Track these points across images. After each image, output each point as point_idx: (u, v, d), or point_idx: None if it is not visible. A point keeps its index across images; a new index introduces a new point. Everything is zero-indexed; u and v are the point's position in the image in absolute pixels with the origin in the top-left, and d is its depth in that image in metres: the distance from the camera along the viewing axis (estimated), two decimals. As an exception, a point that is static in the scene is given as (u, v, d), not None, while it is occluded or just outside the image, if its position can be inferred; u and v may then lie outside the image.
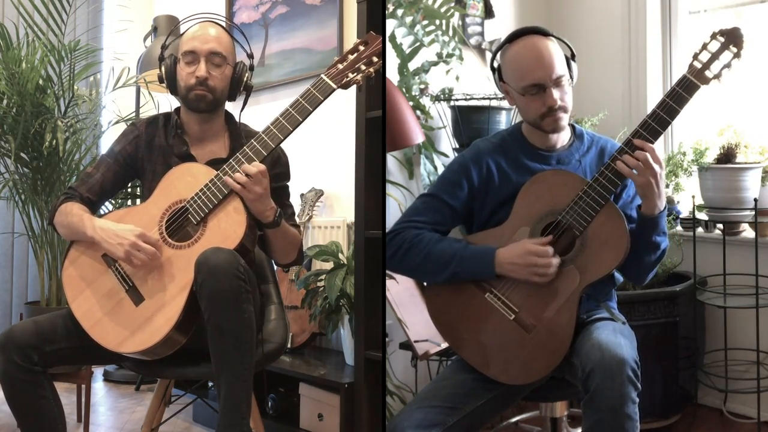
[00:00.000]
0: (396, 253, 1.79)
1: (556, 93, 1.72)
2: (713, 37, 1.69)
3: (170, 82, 1.96)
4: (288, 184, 2.03)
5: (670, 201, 3.00)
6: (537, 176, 1.76)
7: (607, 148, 1.85)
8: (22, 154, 3.41)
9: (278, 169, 1.97)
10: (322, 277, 2.70)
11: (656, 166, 1.63)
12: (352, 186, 2.55)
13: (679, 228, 2.99)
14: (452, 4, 2.78)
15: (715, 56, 1.68)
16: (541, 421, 2.03)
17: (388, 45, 2.63)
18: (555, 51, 1.74)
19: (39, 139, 3.30)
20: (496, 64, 1.85)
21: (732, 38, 1.68)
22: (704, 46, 1.69)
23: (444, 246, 1.75)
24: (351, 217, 2.91)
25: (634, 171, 1.64)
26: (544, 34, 1.77)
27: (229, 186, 1.77)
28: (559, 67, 1.73)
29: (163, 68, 1.96)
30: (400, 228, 1.80)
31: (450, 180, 1.83)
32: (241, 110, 1.97)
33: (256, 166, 1.77)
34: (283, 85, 3.46)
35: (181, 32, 1.97)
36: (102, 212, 1.99)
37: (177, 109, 2.01)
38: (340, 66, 1.81)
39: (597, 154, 1.84)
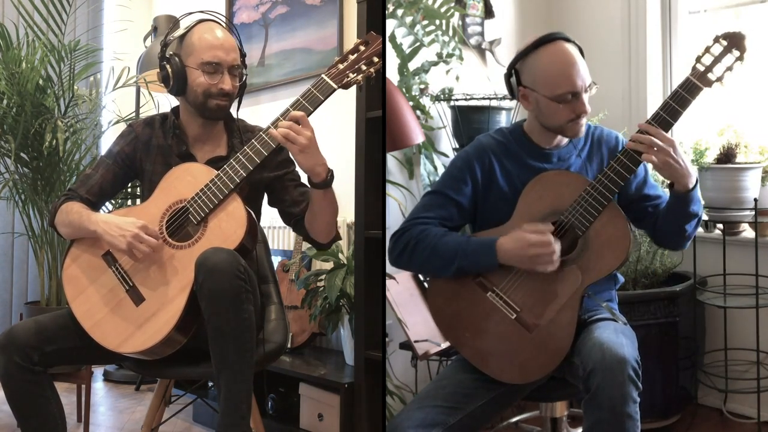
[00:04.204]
0: (404, 250, 1.79)
1: (585, 99, 1.73)
2: (716, 40, 1.70)
3: (180, 86, 1.89)
4: (295, 169, 1.98)
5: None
6: (540, 176, 1.77)
7: (603, 137, 1.87)
8: (22, 154, 3.41)
9: (282, 156, 1.94)
10: (322, 277, 2.70)
11: (664, 144, 1.64)
12: (352, 186, 2.55)
13: (679, 228, 2.99)
14: (452, 4, 2.78)
15: (717, 59, 1.69)
16: (541, 421, 2.03)
17: (388, 45, 2.63)
18: (581, 57, 1.75)
19: (39, 139, 3.31)
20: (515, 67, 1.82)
21: (735, 42, 1.69)
22: (707, 49, 1.69)
23: (448, 240, 1.75)
24: (351, 217, 2.90)
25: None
26: (567, 39, 1.76)
27: (261, 154, 1.74)
28: (588, 75, 1.74)
29: (169, 69, 1.89)
30: (407, 226, 1.81)
31: (454, 176, 1.83)
32: (238, 107, 1.97)
33: (292, 116, 1.71)
34: (283, 85, 3.46)
35: (183, 31, 1.92)
36: (102, 212, 1.99)
37: (174, 109, 2.00)
38: (341, 66, 1.81)
39: (595, 145, 1.85)
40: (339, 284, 2.58)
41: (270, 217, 2.12)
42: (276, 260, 3.01)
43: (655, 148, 1.65)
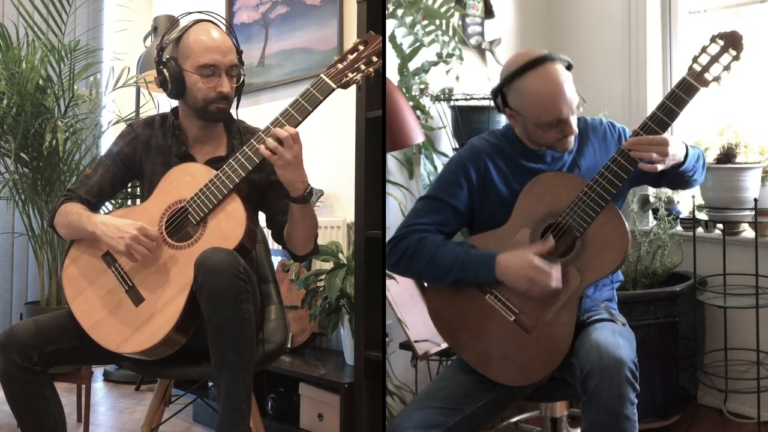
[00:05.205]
0: (401, 258, 1.78)
1: (573, 121, 1.72)
2: (712, 40, 1.70)
3: (178, 89, 1.89)
4: None
5: (670, 201, 3.00)
6: (538, 177, 1.76)
7: (589, 125, 1.86)
8: (22, 154, 3.41)
9: None
10: (322, 277, 2.70)
11: (660, 157, 1.64)
12: (352, 186, 2.55)
13: (679, 228, 2.99)
14: (452, 4, 2.78)
15: (714, 59, 1.68)
16: (541, 421, 2.03)
17: (388, 45, 2.63)
18: (568, 78, 1.72)
19: (39, 139, 3.31)
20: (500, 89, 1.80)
21: (731, 41, 1.68)
22: (703, 49, 1.69)
23: (446, 251, 1.74)
24: (351, 217, 2.91)
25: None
26: (554, 59, 1.73)
27: (260, 154, 1.74)
28: (576, 96, 1.72)
29: (166, 74, 1.88)
30: (403, 233, 1.80)
31: (449, 180, 1.82)
32: (237, 107, 1.97)
33: (287, 130, 1.72)
34: (283, 85, 3.46)
35: (179, 34, 1.91)
36: (102, 213, 1.99)
37: (173, 110, 2.00)
38: (340, 66, 1.81)
39: (584, 136, 1.84)
40: (339, 284, 2.58)
41: (270, 217, 2.13)
42: (276, 260, 3.01)
43: (657, 164, 1.65)
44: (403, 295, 2.39)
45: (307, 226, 1.88)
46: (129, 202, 3.47)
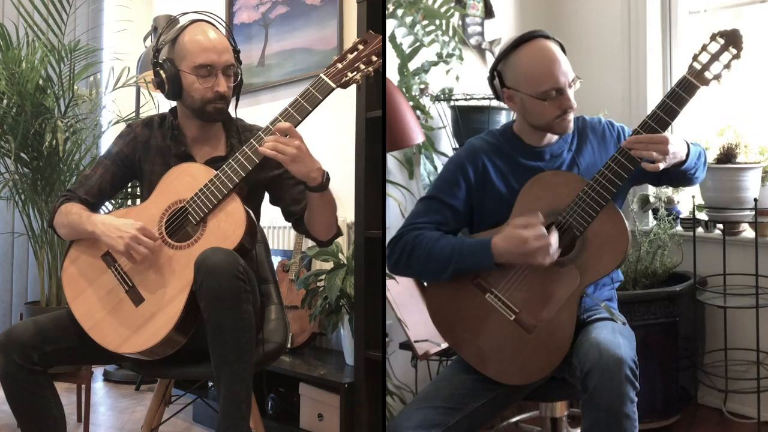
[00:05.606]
0: (401, 257, 1.78)
1: (570, 95, 1.73)
2: (713, 38, 1.69)
3: (175, 90, 1.89)
4: None
5: (670, 201, 3.01)
6: (537, 177, 1.76)
7: (587, 124, 1.86)
8: (22, 154, 3.41)
9: None
10: (322, 277, 2.70)
11: (661, 155, 1.64)
12: (352, 186, 2.55)
13: (679, 228, 2.99)
14: (452, 4, 2.78)
15: (714, 57, 1.68)
16: (541, 421, 2.03)
17: (388, 45, 2.63)
18: (561, 53, 1.74)
19: (39, 139, 3.31)
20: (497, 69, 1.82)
21: (731, 40, 1.68)
22: (704, 48, 1.69)
23: (443, 243, 1.74)
24: (351, 217, 2.91)
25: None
26: (547, 37, 1.76)
27: (260, 154, 1.73)
28: (571, 70, 1.73)
29: (163, 74, 1.88)
30: (402, 232, 1.80)
31: (447, 180, 1.82)
32: (236, 106, 1.96)
33: (279, 129, 1.72)
34: (283, 85, 3.46)
35: (174, 35, 1.90)
36: (102, 213, 1.99)
37: (172, 110, 2.00)
38: (339, 65, 1.81)
39: (583, 136, 1.84)
40: (339, 284, 2.58)
41: (270, 217, 2.12)
42: (276, 260, 3.02)
43: (658, 163, 1.65)
44: (403, 295, 2.39)
45: (329, 210, 1.87)
46: (129, 202, 3.47)
